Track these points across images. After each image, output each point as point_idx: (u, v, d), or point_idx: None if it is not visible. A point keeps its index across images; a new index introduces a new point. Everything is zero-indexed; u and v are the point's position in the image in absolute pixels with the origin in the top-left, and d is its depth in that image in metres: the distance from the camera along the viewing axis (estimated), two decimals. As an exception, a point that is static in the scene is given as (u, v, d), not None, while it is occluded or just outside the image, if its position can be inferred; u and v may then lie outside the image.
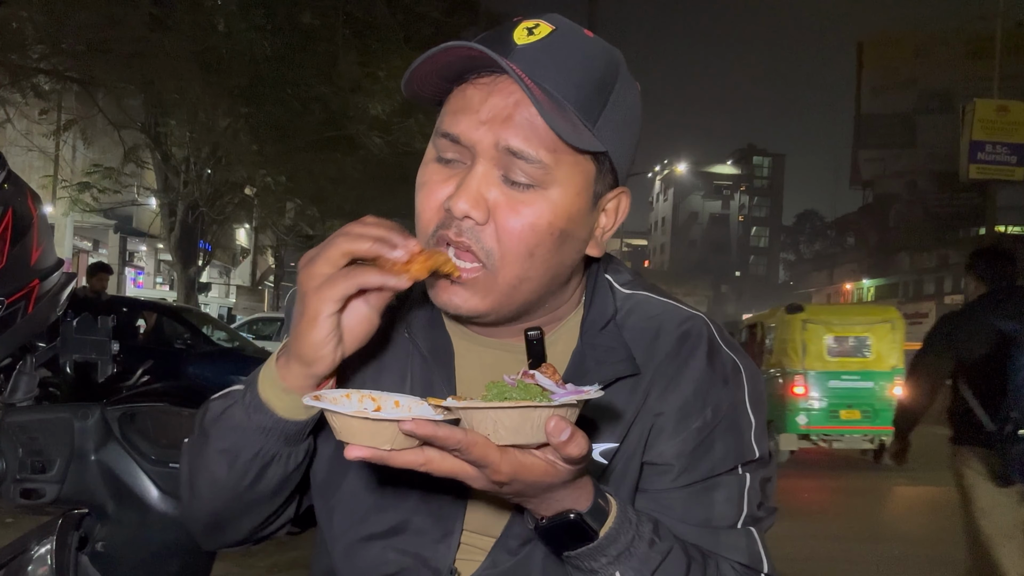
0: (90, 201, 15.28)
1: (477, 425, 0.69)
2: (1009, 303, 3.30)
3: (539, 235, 0.83)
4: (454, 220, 0.83)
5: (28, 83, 11.72)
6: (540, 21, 0.85)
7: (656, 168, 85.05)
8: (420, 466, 0.70)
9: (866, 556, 5.53)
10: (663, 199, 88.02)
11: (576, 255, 0.89)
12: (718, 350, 0.94)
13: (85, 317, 1.40)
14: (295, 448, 0.87)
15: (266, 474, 0.87)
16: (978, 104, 21.97)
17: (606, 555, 0.79)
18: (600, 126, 0.84)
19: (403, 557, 0.91)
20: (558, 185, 0.83)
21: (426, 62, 0.82)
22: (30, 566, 1.32)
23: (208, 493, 0.91)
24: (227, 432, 0.86)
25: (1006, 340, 3.12)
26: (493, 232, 0.83)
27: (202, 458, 0.89)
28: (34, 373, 1.37)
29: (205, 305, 20.88)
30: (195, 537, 1.00)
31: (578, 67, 0.83)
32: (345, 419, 0.69)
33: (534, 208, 0.83)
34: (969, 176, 22.12)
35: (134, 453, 1.35)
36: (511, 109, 0.81)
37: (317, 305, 0.77)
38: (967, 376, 3.34)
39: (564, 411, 0.69)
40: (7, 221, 1.19)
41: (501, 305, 0.86)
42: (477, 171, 0.83)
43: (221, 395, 0.92)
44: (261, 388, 0.84)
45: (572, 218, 0.85)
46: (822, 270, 57.62)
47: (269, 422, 0.84)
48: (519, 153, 0.81)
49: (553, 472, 0.72)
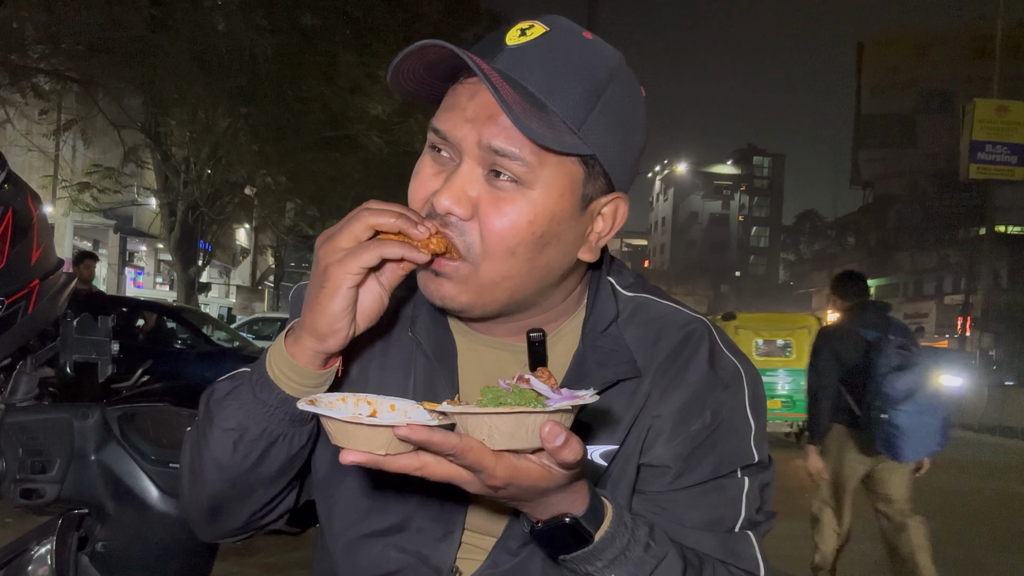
0: (90, 201, 15.26)
1: (472, 430, 0.69)
2: (866, 315, 4.32)
3: (520, 234, 0.83)
4: (438, 215, 0.84)
5: (28, 83, 11.72)
6: (535, 23, 0.85)
7: (656, 168, 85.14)
8: (415, 470, 0.70)
9: (866, 556, 5.54)
10: (663, 199, 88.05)
11: (564, 257, 0.89)
12: (719, 354, 0.94)
13: (85, 317, 1.40)
14: (299, 429, 0.87)
15: (270, 454, 0.88)
16: (978, 104, 21.99)
17: (601, 559, 0.79)
18: (587, 128, 0.83)
19: (404, 556, 0.91)
20: (541, 185, 0.83)
21: (411, 59, 0.82)
22: (30, 566, 1.32)
23: (211, 475, 0.91)
24: (233, 411, 0.86)
25: (869, 345, 4.15)
26: (476, 228, 0.83)
27: (206, 438, 0.89)
28: (34, 373, 1.37)
29: (205, 305, 20.87)
30: (193, 527, 1.00)
31: (565, 68, 0.83)
32: (340, 424, 0.69)
33: (516, 206, 0.83)
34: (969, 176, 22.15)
35: (134, 453, 1.35)
36: (495, 108, 0.81)
37: (340, 277, 0.78)
38: (841, 374, 4.31)
39: (559, 416, 0.69)
40: (7, 221, 1.19)
41: (484, 300, 0.86)
42: (463, 169, 0.83)
43: (228, 376, 0.92)
44: (269, 366, 0.85)
45: (555, 219, 0.85)
46: (822, 270, 57.61)
47: (275, 400, 0.84)
48: (502, 151, 0.82)
49: (548, 476, 0.72)
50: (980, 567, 5.54)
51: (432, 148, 0.87)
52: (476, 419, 0.69)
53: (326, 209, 19.17)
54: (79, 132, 14.13)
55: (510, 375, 0.92)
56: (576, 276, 0.94)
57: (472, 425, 0.69)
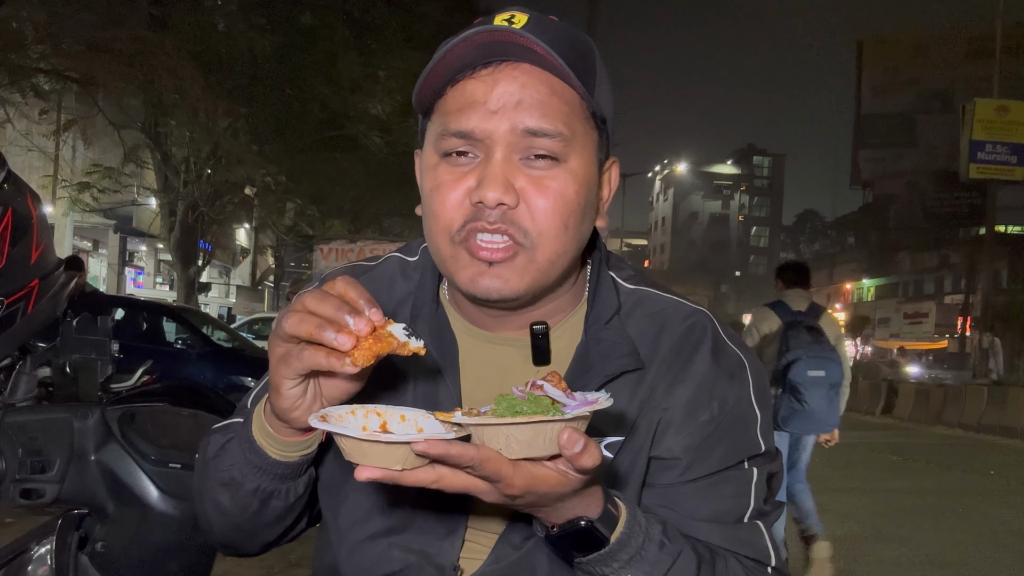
0: (90, 201, 15.28)
1: (489, 440, 0.69)
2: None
3: (570, 206, 0.85)
4: (486, 210, 0.83)
5: (28, 83, 11.72)
6: (515, 12, 0.86)
7: (656, 168, 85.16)
8: (432, 483, 0.70)
9: (867, 556, 5.54)
10: (663, 199, 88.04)
11: (591, 225, 0.91)
12: (723, 345, 0.94)
13: (85, 317, 1.40)
14: (293, 483, 0.89)
15: (268, 506, 0.90)
16: (978, 104, 21.98)
17: (617, 560, 0.79)
18: (597, 94, 0.87)
19: (407, 555, 0.91)
20: (575, 156, 0.86)
21: (439, 63, 0.83)
22: (30, 566, 1.32)
23: (217, 519, 0.94)
24: (227, 467, 0.88)
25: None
26: (527, 212, 0.84)
27: (207, 488, 0.92)
28: (34, 373, 1.37)
29: (205, 305, 20.87)
30: (215, 547, 1.03)
31: (566, 42, 0.85)
32: (356, 441, 0.68)
33: (559, 182, 0.84)
34: (969, 176, 22.14)
35: (134, 453, 1.35)
36: (520, 93, 0.83)
37: (277, 379, 0.77)
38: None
39: (576, 422, 0.69)
40: (7, 221, 1.19)
41: (539, 283, 0.87)
42: (497, 159, 0.83)
43: (221, 427, 0.94)
44: (254, 430, 0.85)
45: (590, 186, 0.88)
46: (822, 270, 57.65)
47: (263, 463, 0.86)
48: (538, 131, 0.83)
49: (565, 482, 0.72)
50: (980, 567, 5.53)
51: (446, 155, 0.86)
52: (493, 430, 0.68)
53: (326, 209, 19.19)
54: (79, 132, 14.12)
55: (512, 370, 0.91)
56: (576, 266, 0.94)
57: (489, 436, 0.69)
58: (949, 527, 6.56)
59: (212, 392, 1.65)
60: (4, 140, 14.88)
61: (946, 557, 5.62)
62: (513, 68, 0.84)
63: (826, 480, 8.95)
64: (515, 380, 0.77)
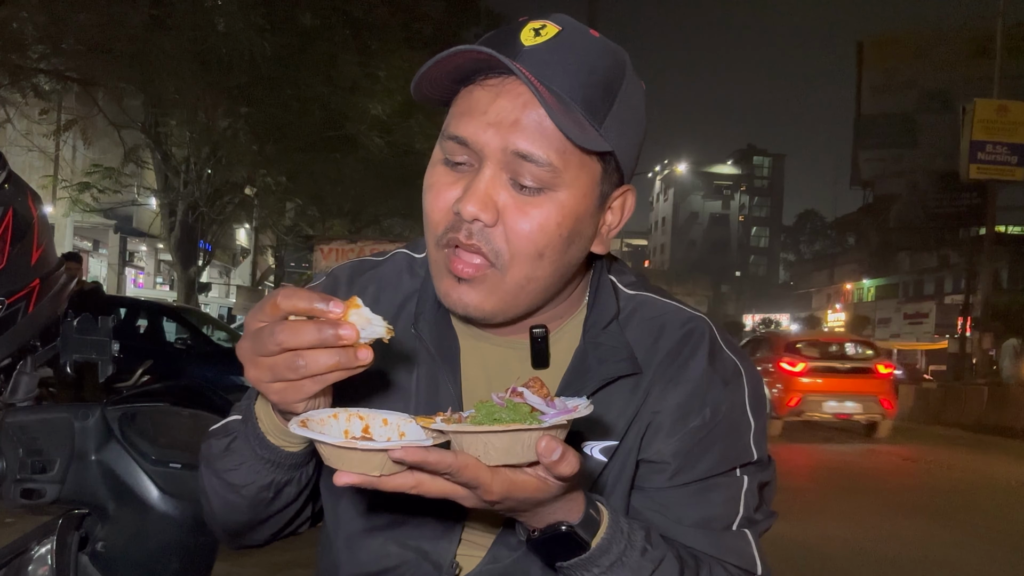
0: (90, 201, 15.27)
1: (467, 447, 0.69)
2: None
3: (548, 236, 0.84)
4: (463, 223, 0.83)
5: (28, 83, 11.73)
6: (546, 22, 0.85)
7: (656, 168, 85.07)
8: (411, 489, 0.70)
9: (866, 555, 5.54)
10: (663, 199, 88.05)
11: (581, 253, 0.90)
12: (719, 351, 0.94)
13: (85, 317, 1.40)
14: (307, 467, 0.89)
15: (281, 494, 0.90)
16: (978, 104, 21.97)
17: (598, 565, 0.79)
18: (607, 126, 0.84)
19: (404, 551, 0.92)
20: (566, 187, 0.84)
21: (434, 66, 0.82)
22: (30, 566, 1.32)
23: (225, 515, 0.94)
24: (236, 467, 0.88)
25: None
26: (503, 233, 0.83)
27: (215, 489, 0.92)
28: (34, 373, 1.37)
29: (205, 305, 20.87)
30: (218, 539, 1.03)
31: (584, 68, 0.83)
32: (334, 447, 0.69)
33: (543, 210, 0.83)
34: (969, 176, 22.12)
35: (134, 453, 1.35)
36: (519, 112, 0.81)
37: (287, 406, 0.74)
38: None
39: (554, 430, 0.70)
40: (7, 221, 1.19)
41: (507, 305, 0.87)
42: (485, 174, 0.83)
43: (219, 428, 0.93)
44: (262, 426, 0.84)
45: (580, 218, 0.86)
46: (822, 270, 57.64)
47: (277, 457, 0.85)
48: (528, 156, 0.81)
49: (544, 488, 0.73)
50: (980, 567, 5.53)
51: (446, 159, 0.86)
52: (471, 437, 0.69)
53: (326, 209, 19.18)
54: (79, 132, 14.13)
55: (513, 372, 0.92)
56: (581, 272, 0.94)
57: (468, 442, 0.69)
58: (949, 527, 6.56)
59: (212, 392, 1.64)
60: (4, 140, 14.88)
61: (946, 557, 5.62)
62: (518, 84, 0.82)
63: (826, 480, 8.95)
64: (514, 382, 0.77)
